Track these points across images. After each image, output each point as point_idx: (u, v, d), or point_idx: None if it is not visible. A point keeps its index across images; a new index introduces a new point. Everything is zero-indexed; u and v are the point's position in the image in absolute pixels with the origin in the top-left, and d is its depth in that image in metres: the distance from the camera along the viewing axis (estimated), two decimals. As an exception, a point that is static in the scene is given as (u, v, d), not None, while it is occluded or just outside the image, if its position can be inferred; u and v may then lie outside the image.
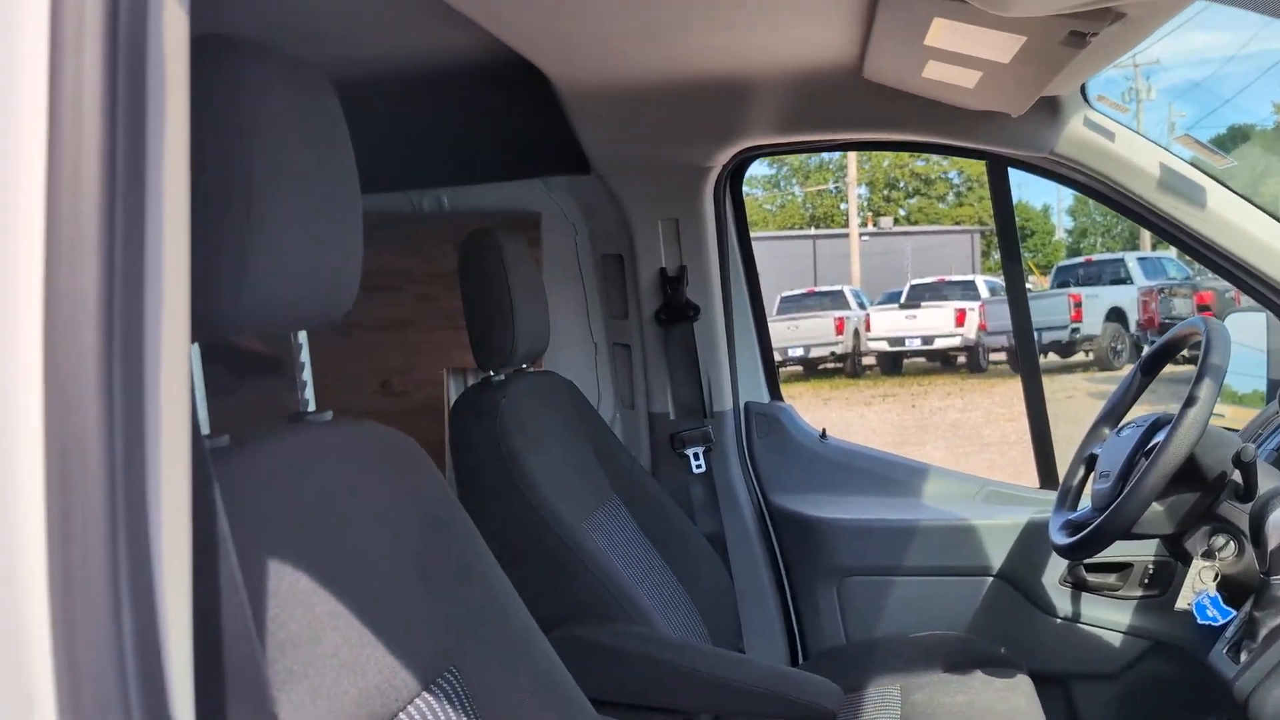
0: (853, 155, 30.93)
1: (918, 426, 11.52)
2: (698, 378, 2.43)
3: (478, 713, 1.16)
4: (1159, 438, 1.71)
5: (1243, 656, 1.47)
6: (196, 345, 0.99)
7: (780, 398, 2.60)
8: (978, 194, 39.96)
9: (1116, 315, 15.71)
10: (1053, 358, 16.07)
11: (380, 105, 2.27)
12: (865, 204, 38.31)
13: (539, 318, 1.93)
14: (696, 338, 2.43)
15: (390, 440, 1.20)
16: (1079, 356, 16.00)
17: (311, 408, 1.17)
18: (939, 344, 17.40)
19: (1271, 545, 1.48)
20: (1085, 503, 1.95)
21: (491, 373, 1.91)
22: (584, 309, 2.56)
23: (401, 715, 1.04)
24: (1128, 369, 2.10)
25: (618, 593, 1.78)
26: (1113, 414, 2.02)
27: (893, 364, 18.05)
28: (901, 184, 40.64)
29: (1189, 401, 1.63)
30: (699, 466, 2.40)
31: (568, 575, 1.77)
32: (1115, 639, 2.21)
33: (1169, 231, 2.08)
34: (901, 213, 39.64)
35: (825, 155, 39.83)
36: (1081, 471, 2.00)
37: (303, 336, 1.17)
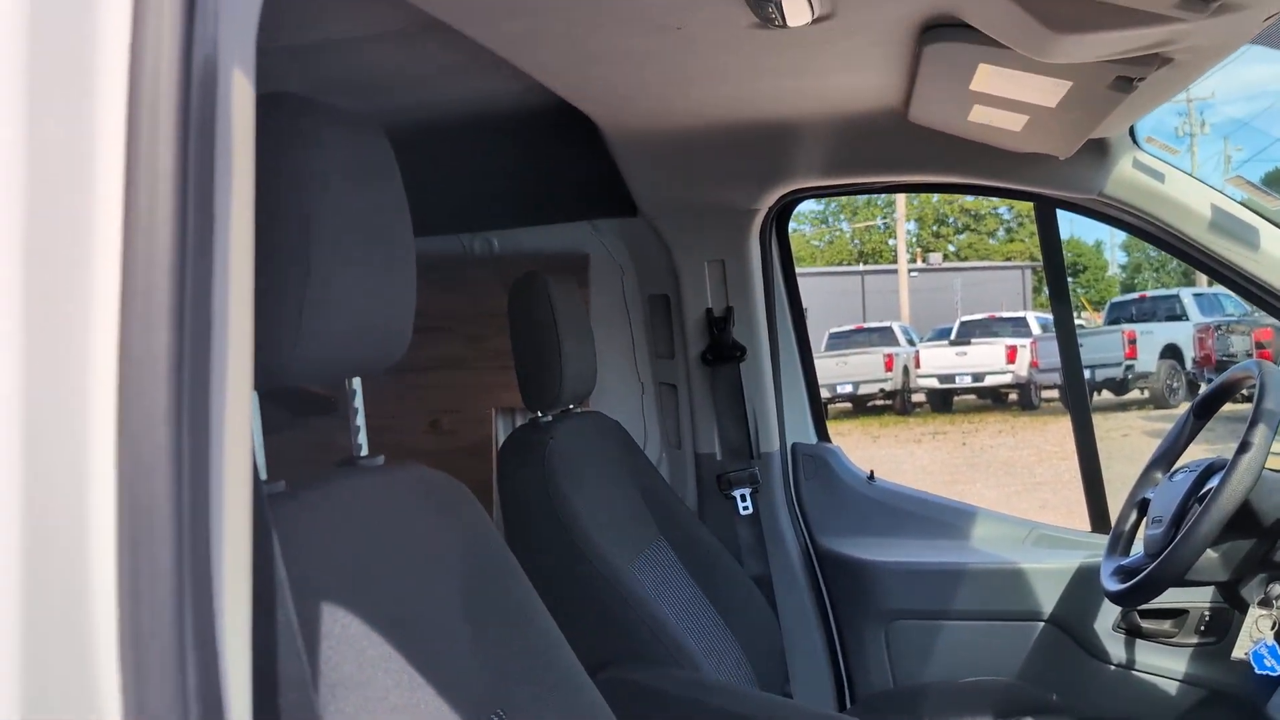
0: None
1: (968, 464, 11.39)
2: (744, 418, 2.44)
3: None
4: (1213, 483, 1.69)
5: (1303, 707, 1.45)
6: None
7: (828, 438, 2.60)
8: (1028, 229, 39.61)
9: (1172, 352, 15.44)
10: (1106, 395, 15.83)
11: (433, 150, 2.33)
12: (914, 240, 38.16)
13: (586, 360, 1.95)
14: (743, 378, 2.43)
15: (441, 485, 1.22)
16: (1134, 394, 15.73)
17: (364, 452, 1.20)
18: (990, 381, 17.21)
19: (1329, 594, 1.45)
20: (1138, 548, 1.92)
21: (539, 413, 1.93)
22: (631, 349, 2.58)
23: None
24: (1184, 407, 2.07)
25: (664, 636, 1.79)
26: (1165, 458, 1.99)
27: (943, 401, 17.88)
28: (951, 220, 40.44)
29: (1243, 447, 1.62)
30: (746, 508, 2.40)
31: (614, 618, 1.77)
32: (1171, 687, 2.17)
33: (1221, 272, 2.06)
34: (951, 249, 39.43)
35: (873, 191, 39.74)
36: (1134, 516, 1.98)
37: (356, 383, 1.20)
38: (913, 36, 1.64)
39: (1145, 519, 1.90)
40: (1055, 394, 17.04)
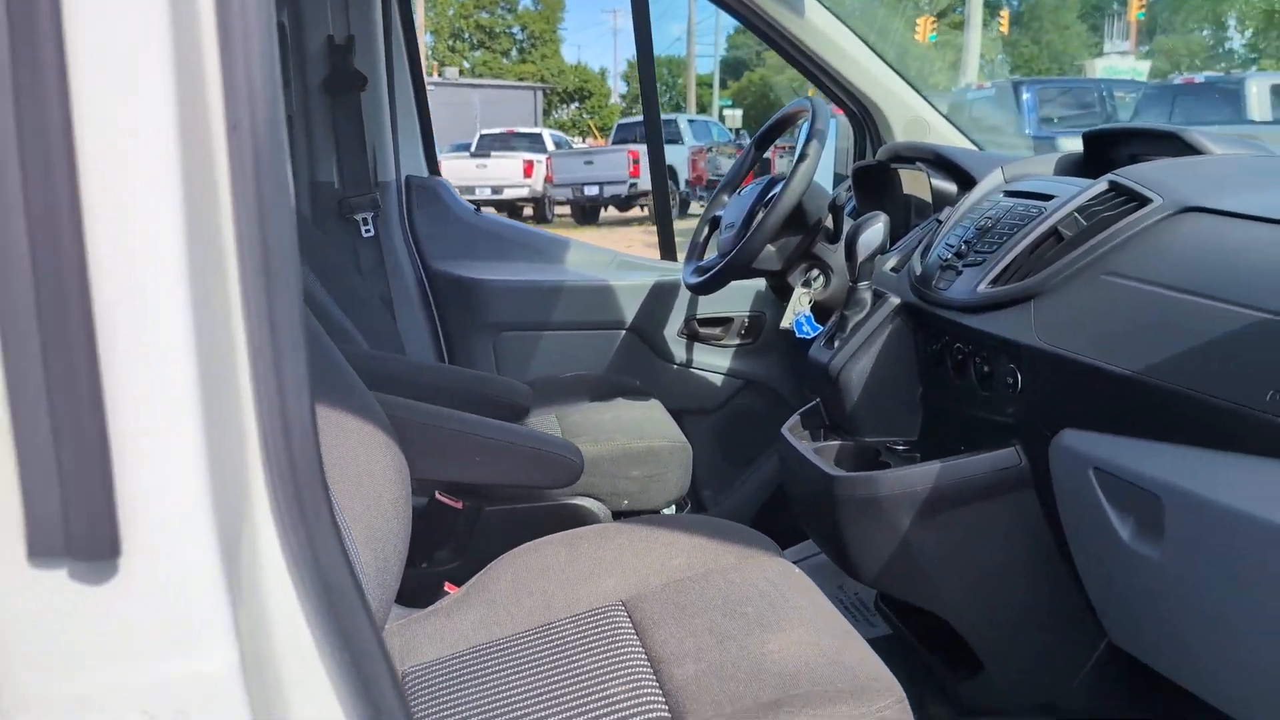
0: (421, 1, 30.20)
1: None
2: (364, 148, 2.53)
3: None
4: (775, 191, 2.12)
5: (835, 344, 1.93)
6: None
7: (438, 173, 2.77)
8: (540, 52, 40.73)
9: (669, 172, 16.99)
10: (613, 211, 17.12)
11: None
12: (431, 53, 37.68)
13: None
14: (364, 109, 2.52)
15: None
16: (635, 211, 17.19)
17: None
18: (508, 194, 17.86)
19: (860, 259, 1.92)
20: (712, 254, 2.34)
21: None
22: None
23: None
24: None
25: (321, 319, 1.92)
26: (731, 184, 2.42)
27: (464, 212, 18.27)
28: (467, 35, 40.38)
29: (800, 158, 2.04)
30: (368, 231, 2.53)
31: None
32: (718, 380, 2.69)
33: (772, 37, 2.48)
34: (466, 65, 39.52)
35: None
36: (706, 230, 2.39)
37: None
38: None
39: (717, 230, 2.32)
40: (568, 210, 18.15)
